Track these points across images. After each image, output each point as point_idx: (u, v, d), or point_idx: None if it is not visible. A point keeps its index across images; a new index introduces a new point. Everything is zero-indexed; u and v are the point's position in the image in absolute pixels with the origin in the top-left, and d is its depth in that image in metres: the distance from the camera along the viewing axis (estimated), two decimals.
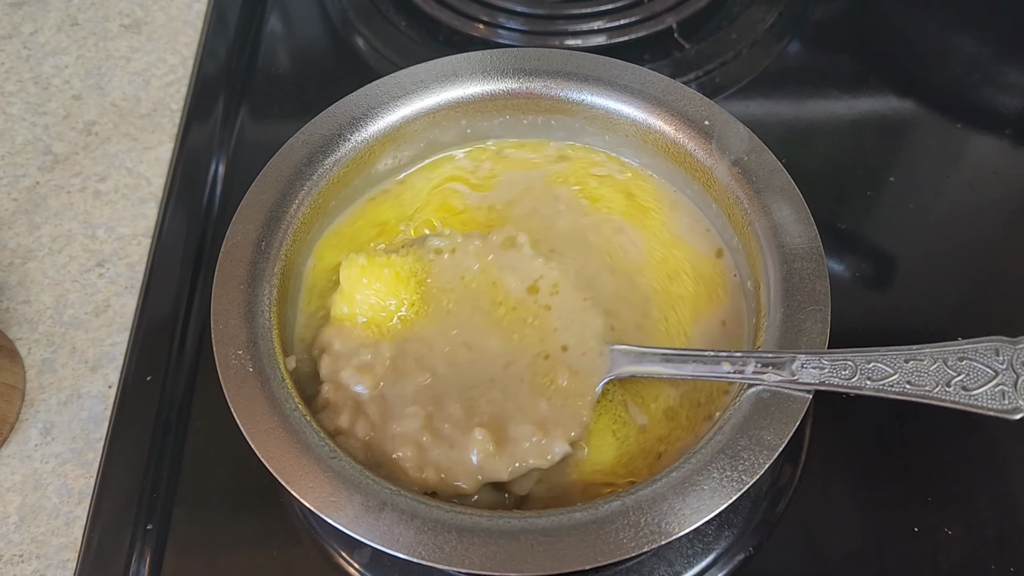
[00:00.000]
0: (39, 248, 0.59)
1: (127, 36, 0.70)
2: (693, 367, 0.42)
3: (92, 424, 0.52)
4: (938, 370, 0.40)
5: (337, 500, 0.37)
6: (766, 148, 0.46)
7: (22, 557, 0.48)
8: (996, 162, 0.61)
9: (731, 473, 0.37)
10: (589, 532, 0.36)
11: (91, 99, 0.66)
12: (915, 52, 0.68)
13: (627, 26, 0.67)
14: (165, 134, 0.64)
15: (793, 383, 0.40)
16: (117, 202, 0.60)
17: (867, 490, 0.48)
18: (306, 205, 0.47)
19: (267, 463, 0.38)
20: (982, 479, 0.48)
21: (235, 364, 0.41)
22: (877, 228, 0.57)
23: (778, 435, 0.38)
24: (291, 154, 0.48)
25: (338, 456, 0.39)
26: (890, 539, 0.46)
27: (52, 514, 0.49)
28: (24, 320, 0.56)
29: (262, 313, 0.43)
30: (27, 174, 0.62)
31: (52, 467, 0.51)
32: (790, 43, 0.68)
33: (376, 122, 0.49)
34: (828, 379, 0.40)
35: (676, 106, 0.48)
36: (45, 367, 0.54)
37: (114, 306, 0.56)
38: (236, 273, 0.44)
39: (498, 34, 0.67)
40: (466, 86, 0.50)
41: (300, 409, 0.40)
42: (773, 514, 0.47)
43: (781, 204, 0.44)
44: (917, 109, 0.64)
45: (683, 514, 0.36)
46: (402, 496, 0.38)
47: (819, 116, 0.64)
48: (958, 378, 0.40)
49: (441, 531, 0.37)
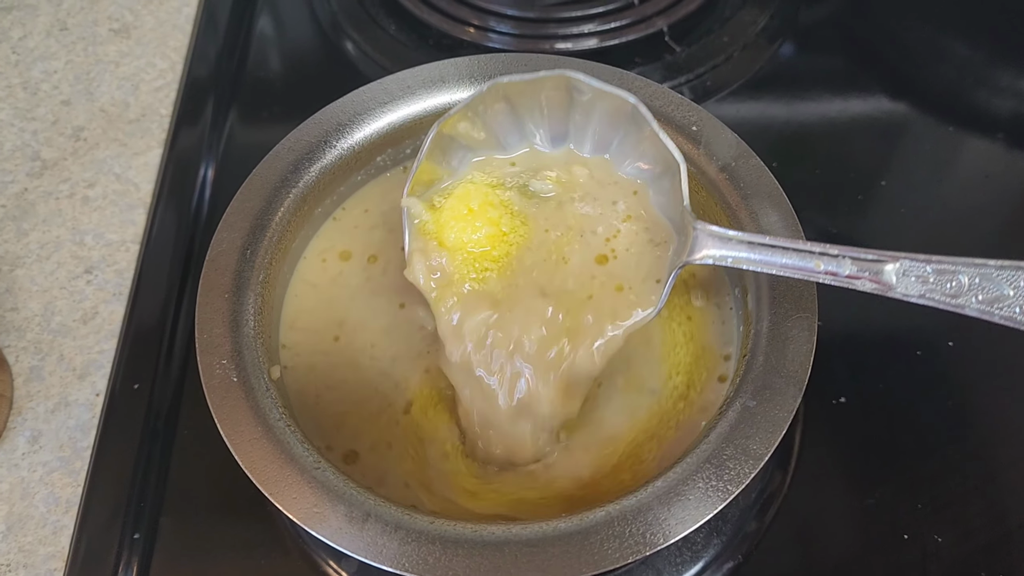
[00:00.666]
0: (27, 255, 0.58)
1: (116, 41, 0.70)
2: (784, 260, 0.39)
3: (80, 432, 0.52)
4: None
5: (321, 511, 0.37)
6: (753, 153, 0.46)
7: (9, 567, 0.48)
8: (989, 166, 0.60)
9: (716, 483, 0.37)
10: (573, 543, 0.36)
11: (80, 104, 0.66)
12: (907, 55, 0.68)
13: (618, 29, 0.66)
14: (154, 139, 0.64)
15: (891, 292, 0.36)
16: (106, 208, 0.60)
17: (857, 497, 0.47)
18: (292, 213, 0.47)
19: (250, 474, 0.38)
20: (972, 486, 0.48)
21: (219, 374, 0.41)
22: (868, 233, 0.57)
23: (764, 444, 0.38)
24: (277, 161, 0.48)
25: (322, 466, 0.38)
26: (880, 546, 0.46)
27: (39, 523, 0.49)
28: (12, 327, 0.55)
29: (247, 322, 0.43)
30: (15, 180, 0.62)
31: (40, 476, 0.50)
32: (782, 46, 0.67)
33: (363, 128, 0.49)
34: (930, 293, 0.35)
35: (663, 111, 0.48)
36: (33, 375, 0.54)
37: (102, 313, 0.56)
38: (221, 282, 0.44)
39: (488, 38, 0.67)
40: (453, 91, 0.50)
41: (285, 419, 0.40)
42: (763, 521, 0.47)
43: (768, 210, 0.44)
44: (909, 112, 0.64)
45: (668, 524, 0.36)
46: (386, 507, 0.37)
47: (811, 119, 0.63)
48: None
49: (425, 542, 0.36)
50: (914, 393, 0.51)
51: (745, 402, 0.39)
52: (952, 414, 0.50)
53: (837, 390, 0.50)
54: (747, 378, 0.40)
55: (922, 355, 0.51)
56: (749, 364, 0.41)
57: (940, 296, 0.35)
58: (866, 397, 0.50)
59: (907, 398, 0.50)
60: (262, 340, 0.43)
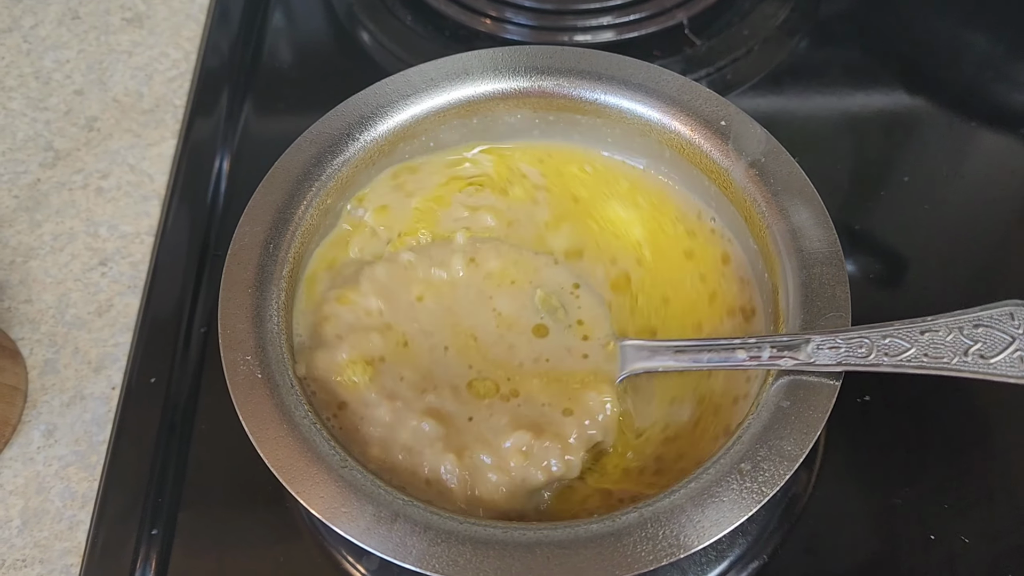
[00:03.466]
0: (41, 246, 0.58)
1: (129, 30, 0.69)
2: (708, 357, 0.42)
3: (95, 426, 0.51)
4: (955, 340, 0.39)
5: (349, 511, 0.37)
6: (784, 149, 0.46)
7: (25, 562, 0.47)
8: (1012, 161, 0.60)
9: (751, 484, 0.36)
10: (606, 545, 0.35)
11: (93, 94, 0.65)
12: (928, 49, 0.67)
13: (637, 22, 0.66)
14: (168, 130, 0.63)
15: (811, 366, 0.39)
16: (120, 199, 0.60)
17: (882, 496, 0.47)
18: (314, 206, 0.46)
19: (277, 473, 0.38)
20: (1000, 485, 0.47)
21: (243, 370, 0.40)
22: (892, 229, 0.57)
23: (798, 445, 0.37)
24: (299, 153, 0.47)
25: (349, 465, 0.38)
26: (906, 547, 0.46)
27: (55, 518, 0.48)
28: (26, 320, 0.55)
29: (270, 318, 0.42)
30: (28, 171, 0.61)
31: (55, 470, 0.50)
32: (802, 40, 0.67)
33: (386, 120, 0.49)
34: (845, 359, 0.39)
35: (692, 106, 0.47)
36: (47, 368, 0.53)
37: (117, 306, 0.55)
38: (243, 276, 0.43)
39: (505, 29, 0.66)
40: (477, 84, 0.49)
41: (311, 416, 0.39)
42: (788, 521, 0.46)
43: (800, 207, 0.44)
44: (930, 107, 0.63)
45: (702, 526, 0.36)
46: (414, 507, 0.37)
47: (831, 114, 0.63)
48: (975, 347, 0.39)
49: (455, 543, 0.36)
50: (940, 391, 0.50)
51: (779, 402, 0.38)
52: (978, 413, 0.50)
53: (862, 388, 0.49)
54: (780, 378, 0.39)
55: None
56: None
57: (855, 360, 0.39)
58: (891, 395, 0.49)
59: (932, 397, 0.50)
60: (286, 336, 0.42)
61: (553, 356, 0.45)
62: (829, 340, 0.39)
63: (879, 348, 0.39)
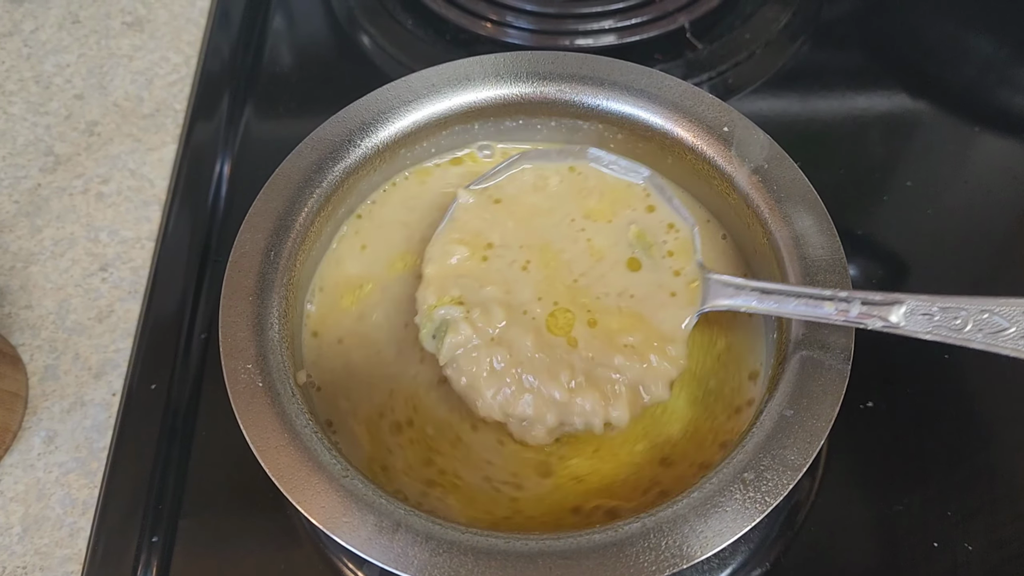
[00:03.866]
0: (41, 251, 0.58)
1: (129, 34, 0.69)
2: (795, 304, 0.40)
3: (96, 433, 0.51)
4: None
5: (350, 520, 0.36)
6: (786, 155, 0.45)
7: (25, 569, 0.47)
8: (1016, 164, 0.60)
9: (754, 494, 0.36)
10: (608, 555, 0.35)
11: (93, 99, 0.65)
12: (930, 52, 0.67)
13: (638, 25, 0.65)
14: (168, 135, 0.63)
15: (898, 329, 0.38)
16: (120, 204, 0.59)
17: (885, 504, 0.47)
18: (315, 213, 0.46)
19: (278, 482, 0.37)
20: (1003, 493, 0.47)
21: (244, 379, 0.40)
22: (895, 233, 0.57)
23: (802, 454, 0.37)
24: (299, 160, 0.47)
25: (350, 475, 0.38)
26: (909, 554, 0.45)
27: (56, 525, 0.48)
28: (26, 325, 0.55)
29: (271, 326, 0.42)
30: (28, 175, 0.61)
31: (55, 476, 0.50)
32: (804, 43, 0.67)
33: (387, 127, 0.48)
34: (937, 329, 0.37)
35: (694, 112, 0.47)
36: (48, 374, 0.53)
37: (117, 311, 0.55)
38: (244, 284, 0.43)
39: (506, 33, 0.66)
40: (479, 90, 0.49)
41: (311, 425, 0.39)
42: (790, 529, 0.46)
43: (803, 213, 0.43)
44: (932, 111, 0.63)
45: (705, 536, 0.36)
46: (416, 516, 0.37)
47: (834, 118, 0.63)
48: None
49: (457, 553, 0.36)
50: (943, 398, 0.50)
51: (782, 411, 0.38)
52: (981, 420, 0.49)
53: (865, 395, 0.49)
54: (782, 387, 0.39)
55: (950, 359, 0.51)
56: (784, 372, 0.40)
57: (947, 332, 0.37)
58: (894, 402, 0.49)
59: (935, 403, 0.50)
60: (287, 344, 0.42)
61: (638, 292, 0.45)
62: (924, 305, 0.37)
63: (976, 323, 0.37)
